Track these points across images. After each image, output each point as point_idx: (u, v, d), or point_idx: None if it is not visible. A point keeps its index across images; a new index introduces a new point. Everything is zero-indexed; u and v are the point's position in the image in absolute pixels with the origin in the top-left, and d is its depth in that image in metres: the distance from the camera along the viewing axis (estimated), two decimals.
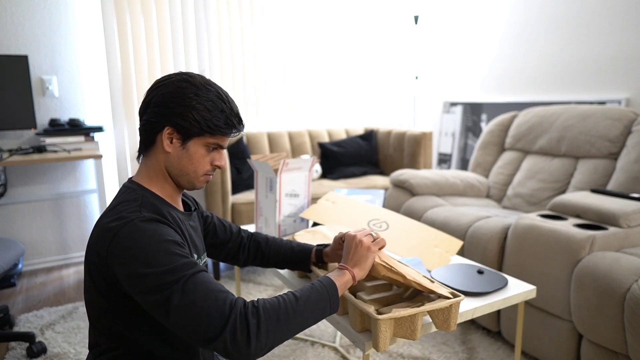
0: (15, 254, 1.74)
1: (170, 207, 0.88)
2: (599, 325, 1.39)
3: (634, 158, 1.96)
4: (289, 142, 3.23)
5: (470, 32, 3.42)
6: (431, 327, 1.01)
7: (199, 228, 1.02)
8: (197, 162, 0.87)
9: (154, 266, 0.72)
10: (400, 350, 1.77)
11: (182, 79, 0.85)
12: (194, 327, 0.70)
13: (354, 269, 0.90)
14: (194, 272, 0.74)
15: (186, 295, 0.71)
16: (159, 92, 0.85)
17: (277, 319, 0.73)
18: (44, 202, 2.75)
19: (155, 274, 0.72)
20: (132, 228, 0.75)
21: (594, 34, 2.59)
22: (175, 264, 0.73)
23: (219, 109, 0.85)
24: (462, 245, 1.62)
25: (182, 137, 0.85)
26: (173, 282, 0.71)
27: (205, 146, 0.87)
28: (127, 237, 0.75)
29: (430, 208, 2.20)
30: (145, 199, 0.84)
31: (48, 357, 1.77)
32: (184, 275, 0.72)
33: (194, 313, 0.70)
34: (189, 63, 2.94)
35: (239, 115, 0.90)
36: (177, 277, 0.72)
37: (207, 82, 0.87)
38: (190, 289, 0.71)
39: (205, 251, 1.04)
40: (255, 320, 0.71)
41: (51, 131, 2.51)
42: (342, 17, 3.49)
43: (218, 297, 0.72)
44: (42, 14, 2.59)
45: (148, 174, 0.89)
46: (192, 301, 0.70)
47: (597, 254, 1.45)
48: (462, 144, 3.53)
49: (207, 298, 0.71)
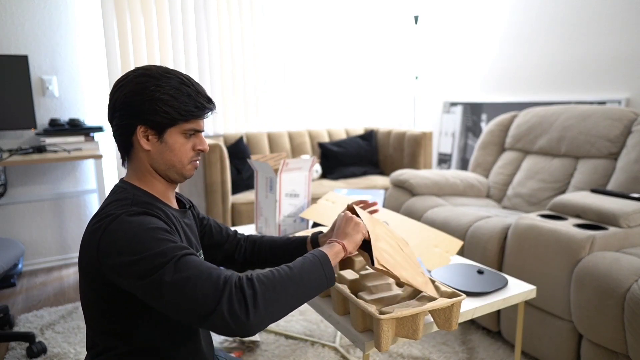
0: (15, 254, 1.74)
1: (163, 205, 0.88)
2: (599, 325, 1.39)
3: (634, 158, 1.96)
4: (289, 142, 3.23)
5: (470, 32, 3.43)
6: (432, 327, 1.01)
7: (195, 226, 1.01)
8: (179, 151, 0.87)
9: (143, 252, 0.72)
10: (401, 350, 1.77)
11: (139, 74, 0.84)
12: (189, 304, 0.69)
13: (344, 241, 0.90)
14: (184, 254, 0.74)
15: (179, 273, 0.70)
16: (121, 93, 0.83)
17: (274, 287, 0.73)
18: (44, 202, 2.75)
19: (146, 258, 0.72)
20: (119, 222, 0.76)
21: (594, 34, 2.60)
22: (164, 247, 0.73)
23: (185, 94, 0.84)
24: (462, 245, 1.62)
25: (157, 131, 0.85)
26: (164, 262, 0.71)
27: (182, 134, 0.87)
28: (115, 231, 0.75)
29: (430, 208, 2.20)
30: (136, 197, 0.84)
31: (48, 357, 1.77)
32: (175, 255, 0.72)
33: (188, 289, 0.69)
34: (189, 63, 2.94)
35: (206, 94, 0.89)
36: (168, 257, 0.72)
37: (165, 70, 0.86)
38: (182, 267, 0.71)
39: (202, 251, 1.04)
40: (251, 290, 0.71)
41: (51, 131, 2.51)
42: (342, 17, 3.49)
43: (212, 273, 0.71)
44: (42, 14, 2.58)
45: (137, 175, 0.89)
46: (185, 278, 0.70)
47: (597, 254, 1.45)
48: (462, 144, 3.54)
49: (200, 274, 0.71)
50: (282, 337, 1.89)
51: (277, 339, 1.88)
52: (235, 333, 0.69)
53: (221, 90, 3.09)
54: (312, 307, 1.19)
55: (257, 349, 1.81)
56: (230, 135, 3.02)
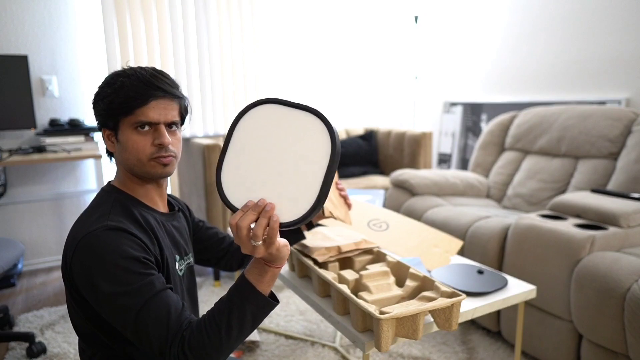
0: (15, 254, 1.74)
1: (145, 209, 0.87)
2: (599, 325, 1.39)
3: (634, 158, 1.96)
4: None
5: (470, 32, 3.43)
6: (432, 327, 1.01)
7: (185, 228, 1.00)
8: (133, 149, 0.82)
9: (111, 284, 0.72)
10: (400, 350, 1.77)
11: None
12: (143, 346, 0.73)
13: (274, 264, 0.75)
14: (150, 296, 0.73)
15: (137, 325, 0.72)
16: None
17: (208, 354, 0.71)
18: (43, 202, 2.75)
19: (111, 294, 0.72)
20: (93, 240, 0.74)
21: (594, 34, 2.60)
22: (132, 285, 0.72)
23: (118, 85, 0.81)
24: (462, 245, 1.62)
25: (113, 132, 0.84)
26: (128, 307, 0.71)
27: (133, 130, 0.81)
28: (88, 249, 0.74)
29: (430, 208, 2.20)
30: (117, 202, 0.83)
31: (48, 357, 1.77)
32: (139, 301, 0.72)
33: (140, 338, 0.72)
34: (189, 63, 2.94)
35: (151, 80, 0.81)
36: (132, 302, 0.72)
37: (116, 72, 0.85)
38: (141, 319, 0.71)
39: (192, 253, 1.03)
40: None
41: (51, 131, 2.51)
42: (342, 17, 3.49)
43: (159, 336, 0.71)
44: (42, 14, 2.58)
45: (119, 177, 0.89)
46: (144, 326, 0.72)
47: (597, 254, 1.45)
48: (462, 144, 3.54)
49: (153, 331, 0.71)
50: (282, 337, 1.89)
51: (277, 339, 1.88)
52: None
53: (221, 90, 3.09)
54: (312, 307, 1.19)
55: (257, 349, 1.81)
56: None
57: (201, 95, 3.00)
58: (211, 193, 2.46)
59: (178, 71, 2.91)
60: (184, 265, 0.94)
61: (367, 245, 1.27)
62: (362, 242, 1.27)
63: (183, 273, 0.93)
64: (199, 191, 2.54)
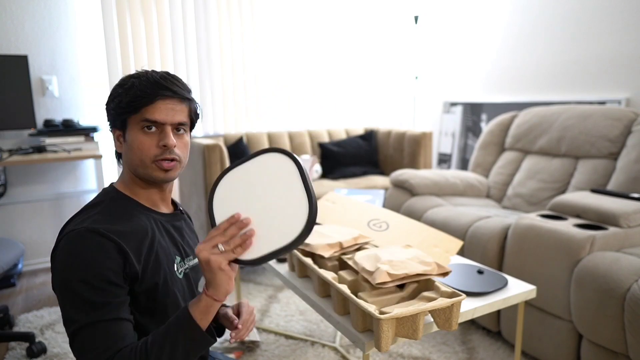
0: (15, 254, 1.74)
1: (144, 210, 0.86)
2: (599, 325, 1.39)
3: (634, 158, 1.96)
4: (289, 142, 3.23)
5: (470, 32, 3.43)
6: (432, 327, 1.01)
7: (187, 229, 0.98)
8: (138, 149, 0.82)
9: (73, 289, 0.73)
10: (400, 350, 1.77)
11: None
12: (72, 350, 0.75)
13: (209, 290, 0.73)
14: (97, 320, 0.73)
15: (76, 336, 0.73)
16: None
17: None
18: (43, 202, 2.75)
19: (71, 296, 0.73)
20: (73, 239, 0.76)
21: (594, 34, 2.60)
22: (90, 301, 0.73)
23: (128, 86, 0.83)
24: (462, 245, 1.62)
25: (121, 132, 0.85)
26: (75, 319, 0.73)
27: (140, 129, 0.82)
28: (66, 250, 0.76)
29: (430, 208, 2.20)
30: (112, 202, 0.84)
31: (48, 357, 1.77)
32: (87, 318, 0.73)
33: (75, 348, 0.74)
34: (189, 63, 2.94)
35: (159, 81, 0.83)
36: (80, 317, 0.73)
37: (130, 74, 0.86)
38: (80, 338, 0.73)
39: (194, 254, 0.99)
40: None
41: (45, 132, 2.50)
42: (342, 17, 3.49)
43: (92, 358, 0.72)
44: (42, 14, 2.58)
45: (123, 178, 0.89)
46: (79, 346, 0.73)
47: (597, 254, 1.45)
48: (462, 144, 3.54)
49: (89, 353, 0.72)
50: (282, 337, 1.89)
51: (277, 339, 1.88)
52: None
53: (221, 90, 3.09)
54: (312, 307, 1.19)
55: (257, 349, 1.81)
56: (231, 135, 3.02)
57: (201, 95, 3.00)
58: None
59: (178, 71, 2.91)
60: (185, 267, 0.92)
61: (364, 240, 1.34)
62: (359, 237, 1.33)
63: (184, 274, 0.91)
64: (199, 191, 2.54)
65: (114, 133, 0.87)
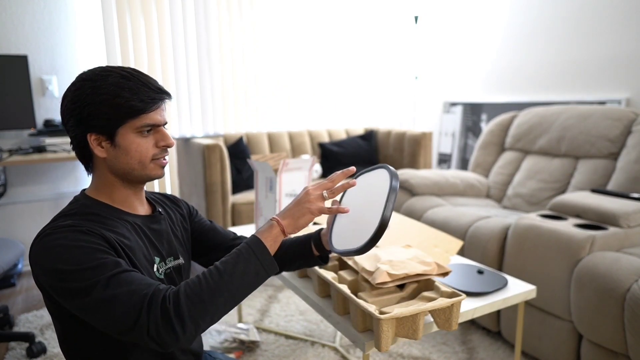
0: (15, 254, 1.74)
1: (120, 214, 0.83)
2: (599, 325, 1.39)
3: (634, 158, 1.96)
4: (289, 142, 3.23)
5: (470, 32, 3.43)
6: (432, 327, 1.01)
7: (169, 231, 0.94)
8: (136, 152, 0.80)
9: (74, 265, 0.69)
10: (400, 350, 1.77)
11: (78, 79, 0.79)
12: (108, 322, 0.69)
13: (284, 221, 0.81)
14: (119, 271, 0.70)
15: (108, 290, 0.68)
16: (64, 103, 0.79)
17: (202, 300, 0.70)
18: (43, 202, 2.74)
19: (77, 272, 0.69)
20: (47, 234, 0.72)
21: (594, 34, 2.60)
22: (97, 262, 0.70)
23: (126, 88, 0.77)
24: (462, 245, 1.62)
25: (107, 136, 0.79)
26: (95, 282, 0.68)
27: (137, 133, 0.79)
28: (41, 244, 0.72)
29: (430, 208, 2.20)
30: (86, 209, 0.80)
31: (48, 357, 1.77)
32: (106, 273, 0.69)
33: (110, 308, 0.68)
34: (189, 63, 2.94)
35: (155, 85, 0.81)
36: (99, 273, 0.69)
37: (105, 69, 0.80)
38: (113, 284, 0.69)
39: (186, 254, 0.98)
40: (177, 309, 0.68)
41: (45, 132, 2.50)
42: (342, 17, 3.49)
43: (138, 292, 0.69)
44: (42, 14, 2.58)
45: (96, 185, 0.85)
46: (112, 295, 0.68)
47: (597, 254, 1.45)
48: (462, 144, 3.54)
49: (127, 293, 0.68)
50: (282, 337, 1.89)
51: (277, 339, 1.88)
52: (164, 349, 0.69)
53: (221, 90, 3.09)
54: (312, 307, 1.19)
55: (257, 349, 1.81)
56: (230, 135, 3.02)
57: (201, 95, 3.00)
58: (211, 193, 2.46)
59: (178, 71, 2.91)
60: (165, 267, 0.90)
61: (441, 271, 1.10)
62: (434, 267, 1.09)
63: (165, 274, 0.89)
64: (199, 191, 2.54)
65: (90, 137, 0.79)
